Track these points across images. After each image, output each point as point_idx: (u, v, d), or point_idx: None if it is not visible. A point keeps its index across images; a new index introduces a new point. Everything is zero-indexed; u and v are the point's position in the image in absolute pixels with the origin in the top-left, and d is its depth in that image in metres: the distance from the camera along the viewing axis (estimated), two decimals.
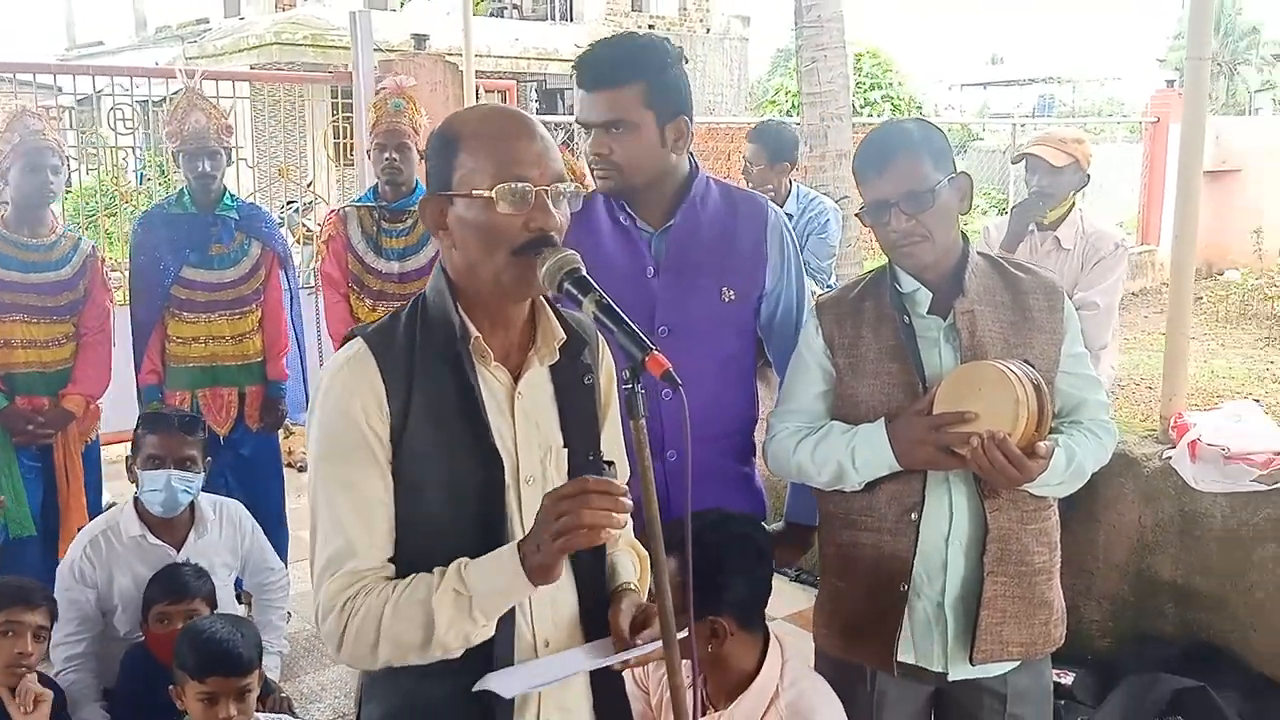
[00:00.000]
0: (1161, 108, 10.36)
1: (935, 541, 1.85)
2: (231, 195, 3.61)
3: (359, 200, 3.74)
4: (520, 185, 1.32)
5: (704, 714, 1.85)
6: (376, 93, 3.83)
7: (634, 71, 1.88)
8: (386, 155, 3.54)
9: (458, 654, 1.33)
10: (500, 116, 1.39)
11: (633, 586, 1.50)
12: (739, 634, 1.85)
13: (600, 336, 1.53)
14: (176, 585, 2.68)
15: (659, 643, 1.33)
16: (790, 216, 3.92)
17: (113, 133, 5.30)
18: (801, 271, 2.16)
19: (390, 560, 1.36)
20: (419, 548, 1.38)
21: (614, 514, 1.23)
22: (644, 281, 1.98)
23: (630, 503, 1.25)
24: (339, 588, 1.33)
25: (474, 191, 1.33)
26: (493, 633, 1.33)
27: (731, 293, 2.00)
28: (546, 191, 1.34)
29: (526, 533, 1.31)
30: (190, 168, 3.45)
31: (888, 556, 1.87)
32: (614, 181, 1.95)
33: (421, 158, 3.61)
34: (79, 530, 2.98)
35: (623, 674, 1.52)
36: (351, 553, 1.33)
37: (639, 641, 1.39)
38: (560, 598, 1.45)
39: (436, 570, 1.32)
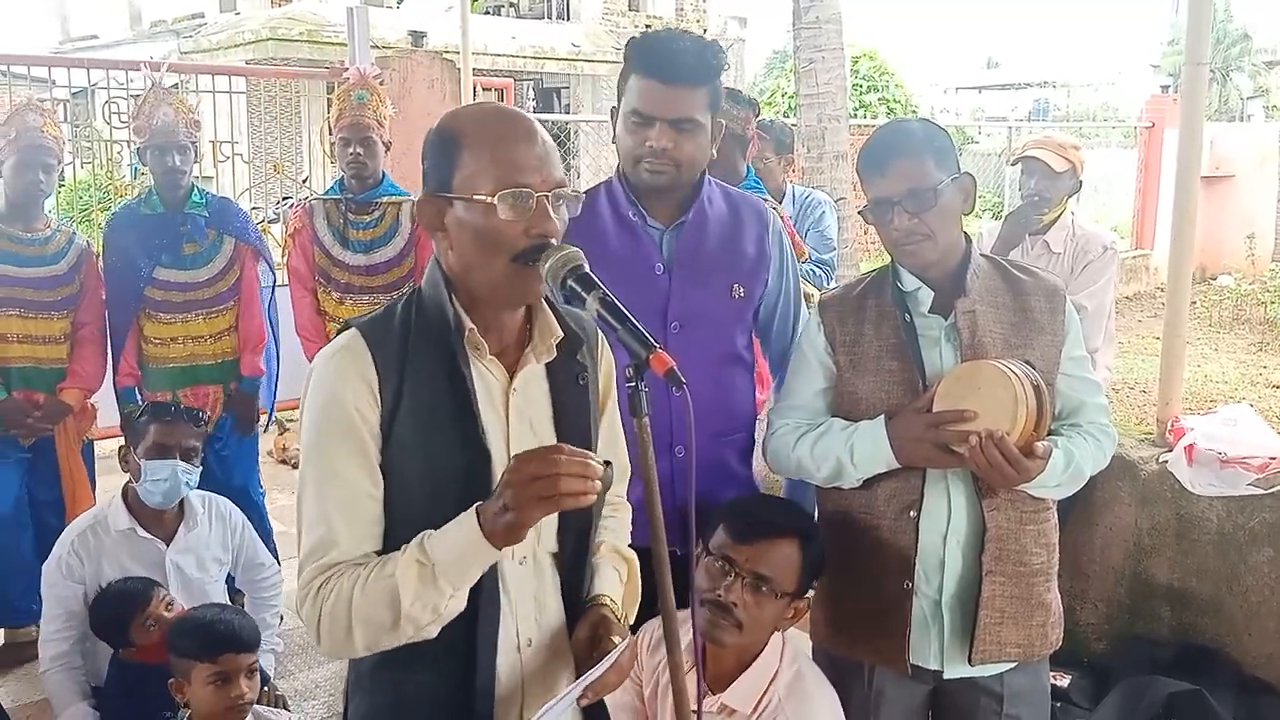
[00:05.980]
0: (1156, 113, 10.38)
1: (933, 540, 1.85)
2: (200, 191, 3.47)
3: (325, 193, 3.68)
4: (522, 191, 1.30)
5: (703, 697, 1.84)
6: (340, 84, 3.71)
7: (707, 74, 1.91)
8: (351, 150, 3.47)
9: (431, 630, 1.28)
10: (501, 118, 1.37)
11: (606, 599, 1.48)
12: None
13: (600, 334, 1.52)
14: (142, 589, 2.64)
15: (608, 659, 1.33)
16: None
17: (107, 126, 5.27)
18: (798, 274, 2.19)
19: (377, 553, 1.33)
20: (406, 540, 1.35)
21: (587, 483, 1.19)
22: (652, 278, 1.99)
23: (600, 468, 1.21)
24: (315, 575, 1.31)
25: (475, 196, 1.31)
26: (463, 605, 1.29)
27: (741, 289, 2.02)
28: (548, 197, 1.32)
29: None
30: (159, 163, 3.34)
31: (889, 554, 1.87)
32: (669, 176, 1.94)
33: (386, 148, 3.56)
34: None
35: None
36: (333, 543, 1.31)
37: (595, 658, 1.37)
38: (546, 599, 1.45)
39: (403, 547, 1.29)
